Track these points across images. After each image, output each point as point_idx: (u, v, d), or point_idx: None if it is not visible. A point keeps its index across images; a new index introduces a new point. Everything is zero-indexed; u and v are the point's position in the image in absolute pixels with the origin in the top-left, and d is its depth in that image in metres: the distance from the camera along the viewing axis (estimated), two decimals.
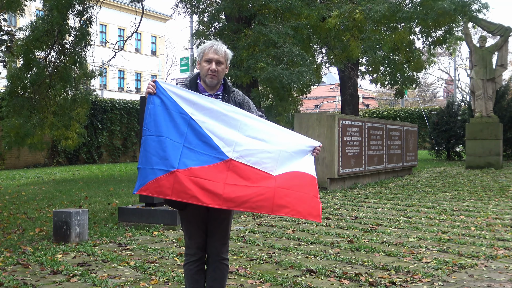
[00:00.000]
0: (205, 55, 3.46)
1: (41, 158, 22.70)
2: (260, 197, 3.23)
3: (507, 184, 12.68)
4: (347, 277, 4.81)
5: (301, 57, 12.64)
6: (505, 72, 19.35)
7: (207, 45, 3.50)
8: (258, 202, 3.22)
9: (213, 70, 3.43)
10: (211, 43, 3.50)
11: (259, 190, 3.24)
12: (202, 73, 3.49)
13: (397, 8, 12.36)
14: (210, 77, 3.45)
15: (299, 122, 12.16)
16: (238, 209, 3.29)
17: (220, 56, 3.46)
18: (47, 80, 12.91)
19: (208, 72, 3.44)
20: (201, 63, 3.50)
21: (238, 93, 3.63)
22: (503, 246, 6.02)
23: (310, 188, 3.35)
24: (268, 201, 3.23)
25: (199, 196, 3.18)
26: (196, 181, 3.20)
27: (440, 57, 43.50)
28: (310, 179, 3.37)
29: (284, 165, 3.35)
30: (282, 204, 3.25)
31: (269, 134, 3.41)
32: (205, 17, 16.19)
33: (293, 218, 8.19)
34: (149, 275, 4.95)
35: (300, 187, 3.32)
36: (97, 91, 28.61)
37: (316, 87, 26.73)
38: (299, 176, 3.35)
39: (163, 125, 3.26)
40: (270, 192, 3.24)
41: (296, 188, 3.30)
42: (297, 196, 3.28)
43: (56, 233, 6.57)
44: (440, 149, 23.52)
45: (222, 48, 3.49)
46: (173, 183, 3.19)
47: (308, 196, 3.31)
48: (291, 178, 3.33)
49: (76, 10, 13.09)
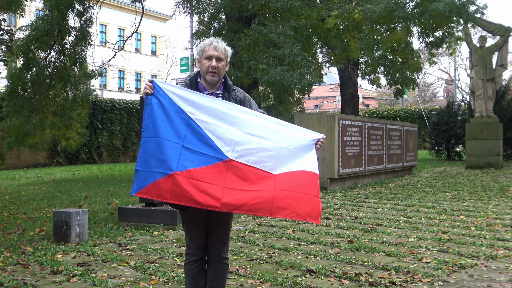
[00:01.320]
0: (205, 52, 3.43)
1: (41, 158, 22.71)
2: (259, 200, 3.22)
3: (507, 184, 12.68)
4: (347, 277, 4.81)
5: (302, 57, 12.64)
6: (505, 72, 19.36)
7: (207, 42, 3.48)
8: (257, 205, 3.22)
9: (214, 66, 3.40)
10: (210, 40, 3.48)
11: (258, 194, 3.23)
12: (203, 70, 3.46)
13: (394, 8, 12.36)
14: (211, 75, 3.42)
15: (299, 122, 12.15)
16: (237, 211, 3.29)
17: (220, 52, 3.44)
18: (47, 80, 12.91)
19: (209, 69, 3.41)
20: (201, 61, 3.47)
21: (238, 91, 3.60)
22: (503, 246, 6.02)
23: (310, 187, 3.32)
24: (267, 203, 3.23)
25: (198, 199, 3.17)
26: (195, 183, 3.19)
27: (440, 57, 43.48)
28: (311, 177, 3.34)
29: (285, 163, 3.33)
30: (281, 206, 3.24)
31: (270, 131, 3.37)
32: (205, 17, 16.19)
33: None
34: (149, 275, 4.95)
35: (300, 187, 3.30)
36: (97, 91, 28.58)
37: (316, 87, 26.72)
38: (299, 175, 3.32)
39: (161, 126, 3.25)
40: (269, 195, 3.23)
41: (295, 189, 3.28)
42: (296, 197, 3.26)
43: (56, 233, 6.57)
44: (440, 149, 23.52)
45: (222, 45, 3.46)
46: (171, 186, 3.18)
47: (308, 196, 3.29)
48: (291, 179, 3.31)
49: (76, 10, 13.09)
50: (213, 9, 15.02)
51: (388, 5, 12.36)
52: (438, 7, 11.71)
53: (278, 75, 11.81)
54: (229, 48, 3.51)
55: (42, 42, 12.48)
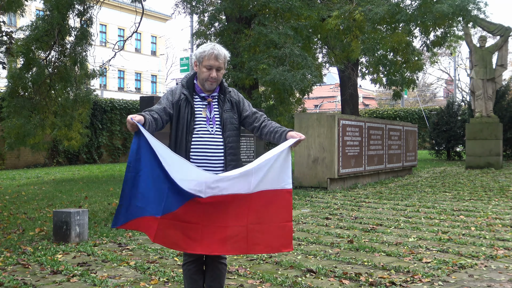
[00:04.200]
0: (205, 61, 3.46)
1: (41, 158, 22.70)
2: (236, 239, 3.32)
3: (507, 184, 12.68)
4: (347, 277, 4.81)
5: (303, 57, 12.64)
6: (505, 72, 19.35)
7: (208, 49, 3.48)
8: (235, 244, 3.32)
9: (214, 77, 3.48)
10: (211, 48, 3.48)
11: (234, 230, 3.32)
12: (201, 77, 3.51)
13: (396, 10, 12.36)
14: (210, 83, 3.50)
15: (299, 122, 12.16)
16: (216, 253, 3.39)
17: (220, 62, 3.48)
18: (47, 80, 12.91)
19: (209, 79, 3.48)
20: (200, 67, 3.50)
21: (234, 92, 3.66)
22: (503, 246, 6.03)
23: (283, 213, 3.38)
24: (243, 241, 3.33)
25: (180, 243, 3.32)
26: (176, 225, 3.29)
27: (440, 57, 43.47)
28: (284, 197, 3.38)
29: (260, 179, 3.35)
30: (255, 242, 3.34)
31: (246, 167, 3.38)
32: (205, 17, 16.18)
33: (293, 218, 8.19)
34: (149, 275, 4.95)
35: (273, 216, 3.36)
36: (97, 91, 28.58)
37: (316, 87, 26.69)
38: (272, 198, 3.36)
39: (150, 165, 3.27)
40: (243, 232, 3.33)
41: (268, 220, 3.36)
42: (269, 230, 3.35)
43: (56, 233, 6.57)
44: (440, 149, 23.52)
45: (222, 53, 3.50)
46: (156, 230, 3.28)
47: (280, 226, 3.36)
48: (265, 204, 3.35)
49: (76, 10, 13.09)
50: (213, 9, 15.02)
51: (391, 7, 12.35)
52: (443, 9, 11.69)
53: (280, 75, 11.81)
54: (227, 53, 3.56)
55: (42, 42, 12.48)
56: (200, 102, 3.55)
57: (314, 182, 11.88)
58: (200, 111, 3.52)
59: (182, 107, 3.49)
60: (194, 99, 3.54)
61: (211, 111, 3.52)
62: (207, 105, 3.53)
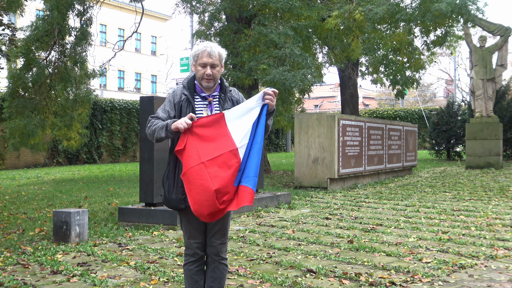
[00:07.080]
0: (199, 59, 3.49)
1: (41, 158, 22.70)
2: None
3: (507, 184, 12.68)
4: (347, 277, 4.81)
5: (303, 57, 12.64)
6: (505, 72, 19.31)
7: (200, 48, 3.52)
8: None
9: (209, 74, 3.48)
10: (204, 46, 3.51)
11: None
12: (198, 76, 3.54)
13: (396, 10, 12.37)
14: (206, 81, 3.51)
15: (299, 122, 12.17)
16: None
17: (214, 59, 3.49)
18: (47, 81, 12.90)
19: (204, 77, 3.49)
20: (196, 67, 3.53)
21: (234, 91, 3.69)
22: (503, 246, 6.03)
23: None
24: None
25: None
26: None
27: (440, 57, 43.46)
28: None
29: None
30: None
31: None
32: (205, 17, 16.18)
33: (293, 218, 8.20)
34: (149, 275, 4.95)
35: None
36: (97, 91, 28.58)
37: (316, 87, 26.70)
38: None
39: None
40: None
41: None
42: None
43: (56, 233, 6.57)
44: (440, 149, 23.52)
45: (216, 50, 3.50)
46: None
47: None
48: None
49: (76, 10, 13.07)
50: (213, 9, 15.01)
51: (391, 6, 12.36)
52: (441, 8, 11.72)
53: (280, 75, 11.81)
54: (223, 51, 3.56)
55: (42, 42, 12.47)
56: (201, 102, 3.56)
57: (314, 182, 11.89)
58: (201, 111, 3.53)
59: (183, 107, 3.52)
60: (195, 99, 3.56)
61: (212, 110, 3.54)
62: (208, 105, 3.55)
